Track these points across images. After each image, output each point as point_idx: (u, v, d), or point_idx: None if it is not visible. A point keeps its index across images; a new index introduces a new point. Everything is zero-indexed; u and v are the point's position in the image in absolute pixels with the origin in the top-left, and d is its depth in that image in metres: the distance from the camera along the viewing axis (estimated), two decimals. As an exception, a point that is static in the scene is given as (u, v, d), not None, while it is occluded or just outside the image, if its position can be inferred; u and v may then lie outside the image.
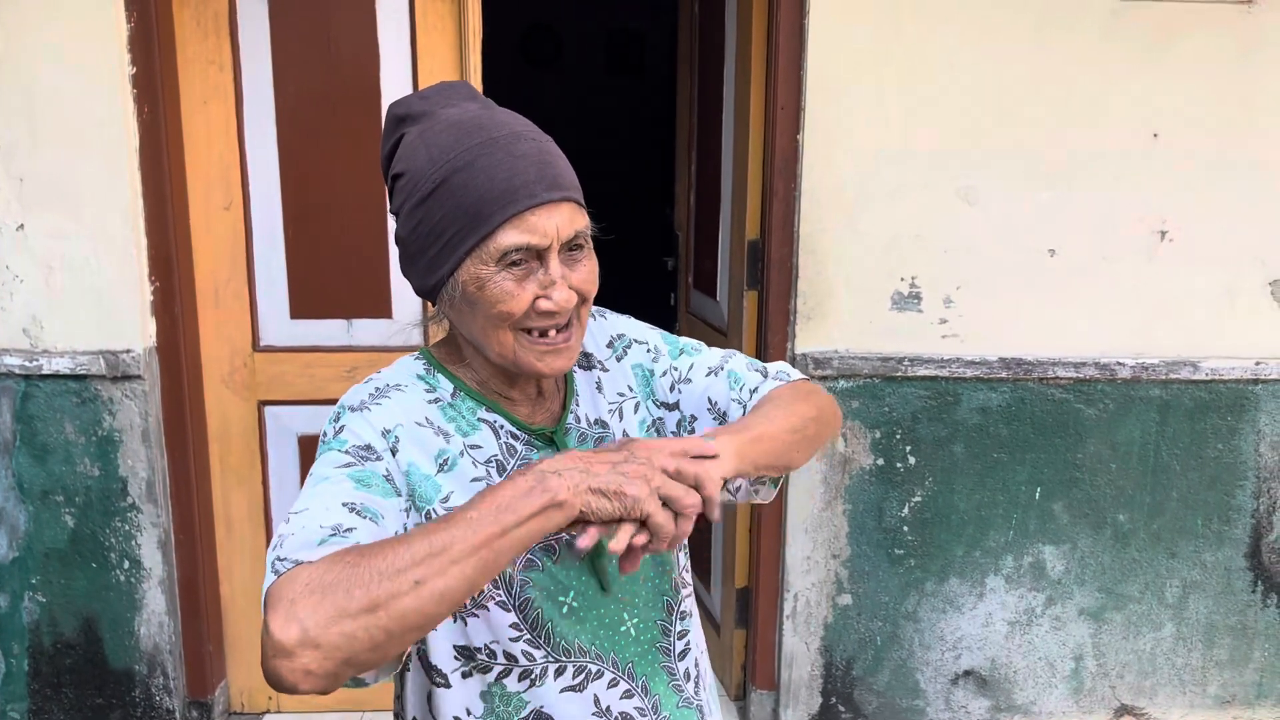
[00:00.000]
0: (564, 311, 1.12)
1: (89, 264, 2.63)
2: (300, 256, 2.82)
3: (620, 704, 1.20)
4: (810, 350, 2.77)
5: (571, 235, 1.11)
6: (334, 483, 1.05)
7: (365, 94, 2.73)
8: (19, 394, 2.67)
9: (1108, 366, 2.79)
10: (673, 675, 1.25)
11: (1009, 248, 2.74)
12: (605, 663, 1.19)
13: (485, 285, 1.09)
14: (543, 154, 1.12)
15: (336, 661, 0.87)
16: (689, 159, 3.48)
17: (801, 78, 2.66)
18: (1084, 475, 2.87)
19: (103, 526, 2.76)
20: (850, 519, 2.87)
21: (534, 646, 1.16)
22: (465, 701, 1.16)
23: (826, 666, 2.96)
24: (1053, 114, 2.68)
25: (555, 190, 1.10)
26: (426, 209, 1.11)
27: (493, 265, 1.09)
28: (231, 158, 2.75)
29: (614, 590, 1.21)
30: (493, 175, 1.08)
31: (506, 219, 1.08)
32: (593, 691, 1.18)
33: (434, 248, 1.11)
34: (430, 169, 1.10)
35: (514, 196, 1.08)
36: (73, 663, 2.85)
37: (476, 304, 1.11)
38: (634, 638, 1.22)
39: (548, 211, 1.09)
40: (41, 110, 2.55)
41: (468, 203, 1.08)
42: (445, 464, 1.14)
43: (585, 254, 1.15)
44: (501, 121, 1.14)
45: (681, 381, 1.34)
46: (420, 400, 1.16)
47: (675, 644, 1.27)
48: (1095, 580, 2.94)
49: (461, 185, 1.09)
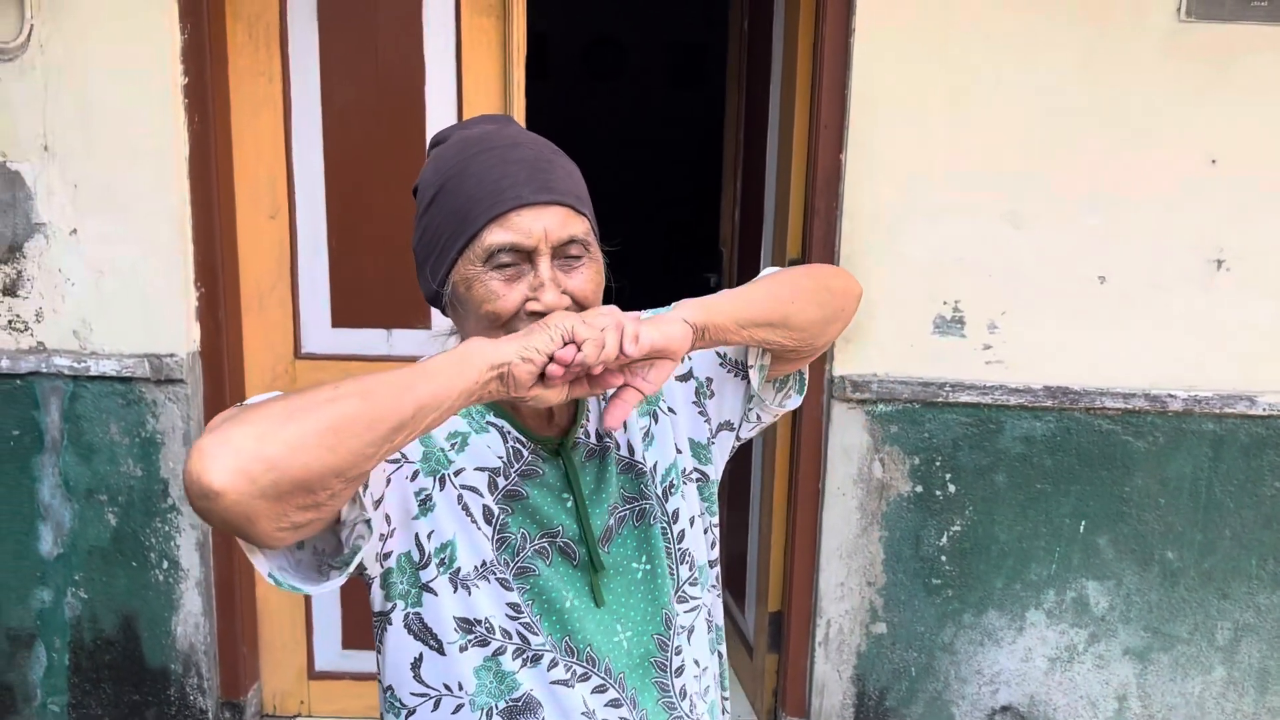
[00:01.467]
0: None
1: (137, 269, 2.68)
2: (342, 266, 2.85)
3: (606, 711, 1.18)
4: (849, 373, 2.72)
5: (564, 239, 1.11)
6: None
7: (410, 107, 2.75)
8: (67, 394, 2.74)
9: (1158, 398, 2.70)
10: (664, 691, 1.23)
11: (1056, 273, 2.67)
12: (596, 668, 1.18)
13: (473, 285, 1.11)
14: (539, 160, 1.14)
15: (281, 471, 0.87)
16: (734, 175, 3.46)
17: (846, 96, 2.63)
18: (1131, 510, 2.78)
19: (143, 526, 2.81)
20: (886, 546, 2.81)
21: (531, 632, 1.16)
22: (458, 674, 1.15)
23: (859, 696, 2.90)
24: (1104, 137, 2.61)
25: (545, 193, 1.11)
26: (429, 217, 1.15)
27: (480, 265, 1.10)
28: (278, 168, 2.80)
29: (607, 604, 1.20)
30: (483, 179, 1.11)
31: (492, 219, 1.09)
32: (580, 693, 1.17)
33: (434, 253, 1.14)
34: (434, 179, 1.15)
35: (500, 197, 1.10)
36: (111, 659, 2.90)
37: (467, 305, 1.12)
38: (626, 650, 1.21)
39: (535, 212, 1.10)
40: (96, 118, 2.62)
41: (458, 206, 1.11)
42: (456, 444, 1.17)
43: (585, 261, 1.14)
44: (507, 135, 1.17)
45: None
46: None
47: (671, 659, 1.24)
48: (1141, 619, 2.84)
49: (455, 190, 1.12)
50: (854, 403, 2.74)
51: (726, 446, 1.37)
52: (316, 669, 3.08)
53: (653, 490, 1.26)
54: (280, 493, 0.88)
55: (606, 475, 1.24)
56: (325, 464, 0.90)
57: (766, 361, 1.31)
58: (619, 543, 1.23)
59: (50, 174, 2.65)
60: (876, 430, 2.75)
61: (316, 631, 3.05)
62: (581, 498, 1.20)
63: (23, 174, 2.65)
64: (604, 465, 1.24)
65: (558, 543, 1.19)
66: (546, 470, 1.20)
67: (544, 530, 1.19)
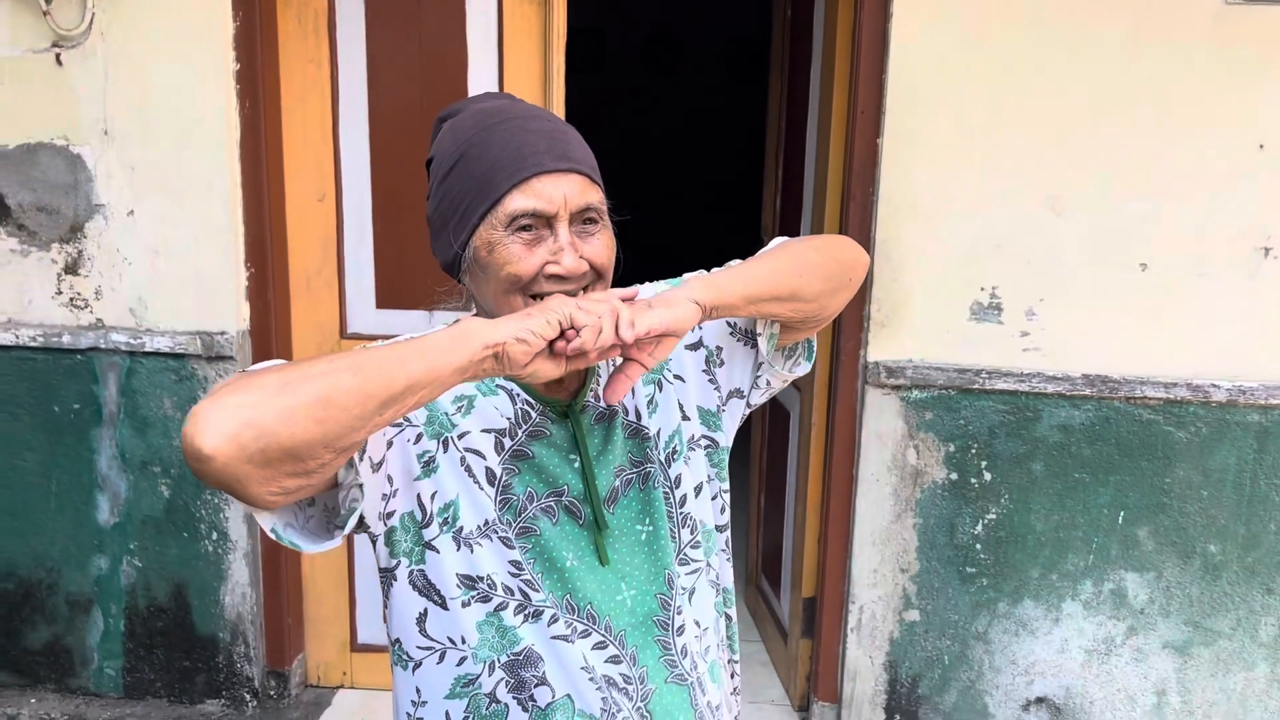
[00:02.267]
0: (573, 278, 1.15)
1: (190, 249, 2.78)
2: (387, 248, 2.92)
3: (605, 668, 1.21)
4: (884, 359, 2.72)
5: (582, 206, 1.16)
6: None
7: (453, 93, 2.81)
8: (124, 369, 2.85)
9: (1201, 388, 2.65)
10: (666, 650, 1.26)
11: (1097, 260, 2.64)
12: (597, 625, 1.21)
13: (495, 248, 1.14)
14: (555, 132, 1.18)
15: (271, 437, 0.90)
16: (776, 163, 3.47)
17: (883, 81, 2.62)
18: (1172, 501, 2.74)
19: (194, 499, 2.91)
20: (920, 533, 2.81)
21: (532, 589, 1.19)
22: (461, 629, 1.19)
23: (891, 683, 2.90)
24: (1147, 122, 2.57)
25: (564, 161, 1.15)
26: (448, 184, 1.18)
27: (502, 229, 1.14)
28: (326, 152, 2.88)
29: (611, 563, 1.23)
30: (504, 146, 1.15)
31: (514, 184, 1.13)
32: (580, 649, 1.20)
33: (453, 219, 1.18)
34: (453, 148, 1.19)
35: (522, 164, 1.14)
36: (164, 626, 3.01)
37: (488, 268, 1.16)
38: (629, 608, 1.24)
39: (555, 179, 1.14)
40: (153, 103, 2.72)
41: (480, 172, 1.15)
42: (462, 407, 1.21)
43: (599, 228, 1.19)
44: (522, 108, 1.21)
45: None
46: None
47: (673, 619, 1.27)
48: (1182, 612, 2.80)
49: (476, 158, 1.16)
50: (889, 388, 2.73)
51: (737, 414, 1.39)
52: (359, 641, 3.16)
53: (656, 455, 1.29)
54: (269, 459, 0.92)
55: (613, 438, 1.27)
56: (313, 435, 0.93)
57: (775, 330, 1.34)
58: (624, 504, 1.26)
59: (109, 157, 2.75)
60: (911, 416, 2.74)
61: (359, 605, 3.13)
62: (588, 458, 1.24)
63: (84, 157, 2.76)
64: (611, 428, 1.28)
65: (563, 501, 1.23)
66: (554, 431, 1.24)
67: (550, 489, 1.23)
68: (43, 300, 2.85)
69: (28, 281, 2.84)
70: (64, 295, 2.84)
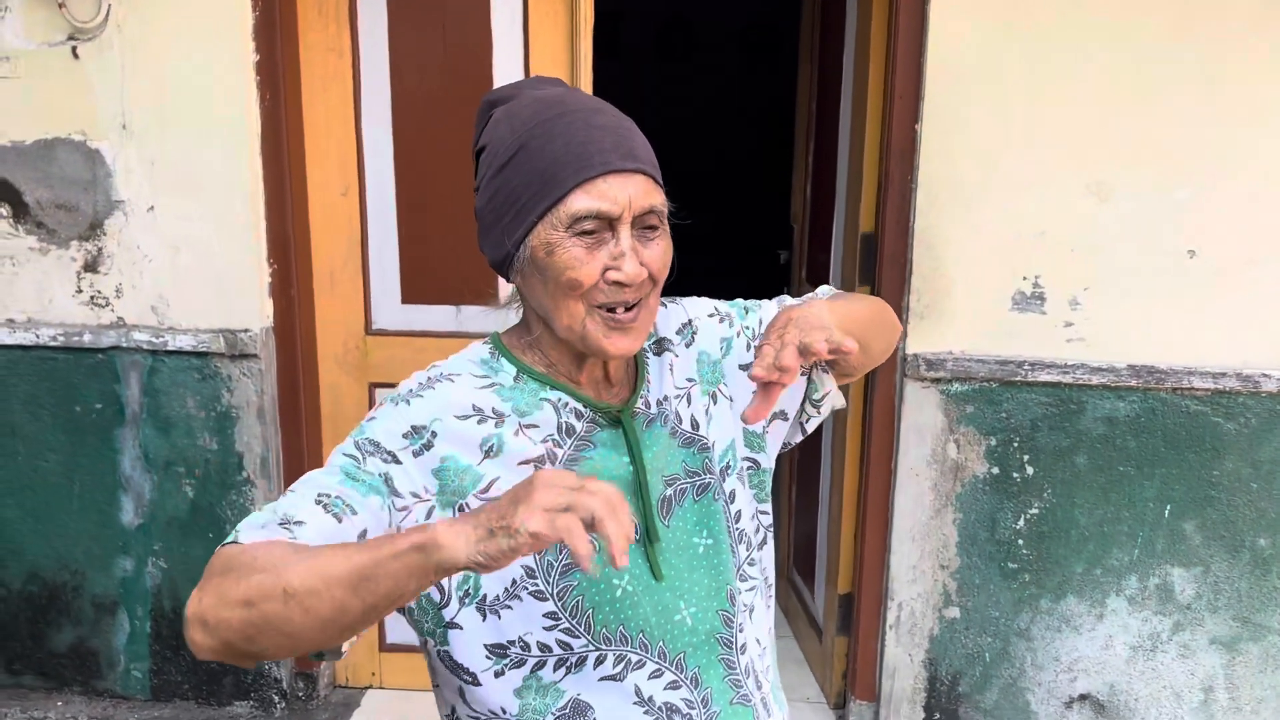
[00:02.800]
0: (633, 285, 1.09)
1: (212, 245, 2.72)
2: (412, 243, 2.86)
3: (665, 695, 1.15)
4: (923, 351, 2.65)
5: (645, 208, 1.10)
6: (326, 473, 1.07)
7: (478, 82, 2.74)
8: (146, 368, 2.80)
9: (1251, 378, 2.58)
10: (731, 669, 1.20)
11: (1143, 248, 2.57)
12: (650, 653, 1.15)
13: (554, 250, 1.08)
14: (620, 128, 1.12)
15: (219, 640, 0.93)
16: (806, 149, 3.39)
17: (921, 65, 2.55)
18: (1220, 494, 2.67)
19: (219, 499, 2.87)
20: (961, 529, 2.74)
21: (572, 635, 1.12)
22: (499, 700, 1.13)
23: (930, 680, 2.84)
24: (1196, 104, 2.49)
25: (630, 160, 1.09)
26: (503, 177, 1.11)
27: (563, 231, 1.08)
28: (349, 145, 2.81)
29: (667, 579, 1.17)
30: (569, 141, 1.08)
31: (579, 183, 1.07)
32: (632, 681, 1.14)
33: (508, 214, 1.11)
34: (510, 138, 1.11)
35: (588, 162, 1.07)
36: (190, 628, 2.97)
37: (546, 271, 1.09)
38: (690, 627, 1.17)
39: (621, 180, 1.08)
40: (171, 96, 2.66)
41: (542, 167, 1.08)
42: (491, 450, 1.12)
43: (659, 234, 1.13)
44: (582, 99, 1.15)
45: (755, 338, 1.33)
46: (469, 389, 1.15)
47: (736, 636, 1.21)
48: (1230, 608, 2.73)
49: (538, 151, 1.09)
50: (928, 382, 2.67)
51: (779, 436, 1.35)
52: (388, 641, 3.11)
53: (714, 467, 1.24)
54: (247, 655, 0.95)
55: (667, 446, 1.22)
56: (280, 645, 0.93)
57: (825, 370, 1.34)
58: (679, 515, 1.20)
59: (128, 152, 2.70)
60: (951, 410, 2.68)
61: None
62: (642, 465, 1.17)
63: (102, 152, 2.70)
64: (663, 436, 1.22)
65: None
66: (603, 439, 1.18)
67: None
68: (63, 299, 2.80)
69: (48, 280, 2.79)
70: (84, 294, 2.79)
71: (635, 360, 1.26)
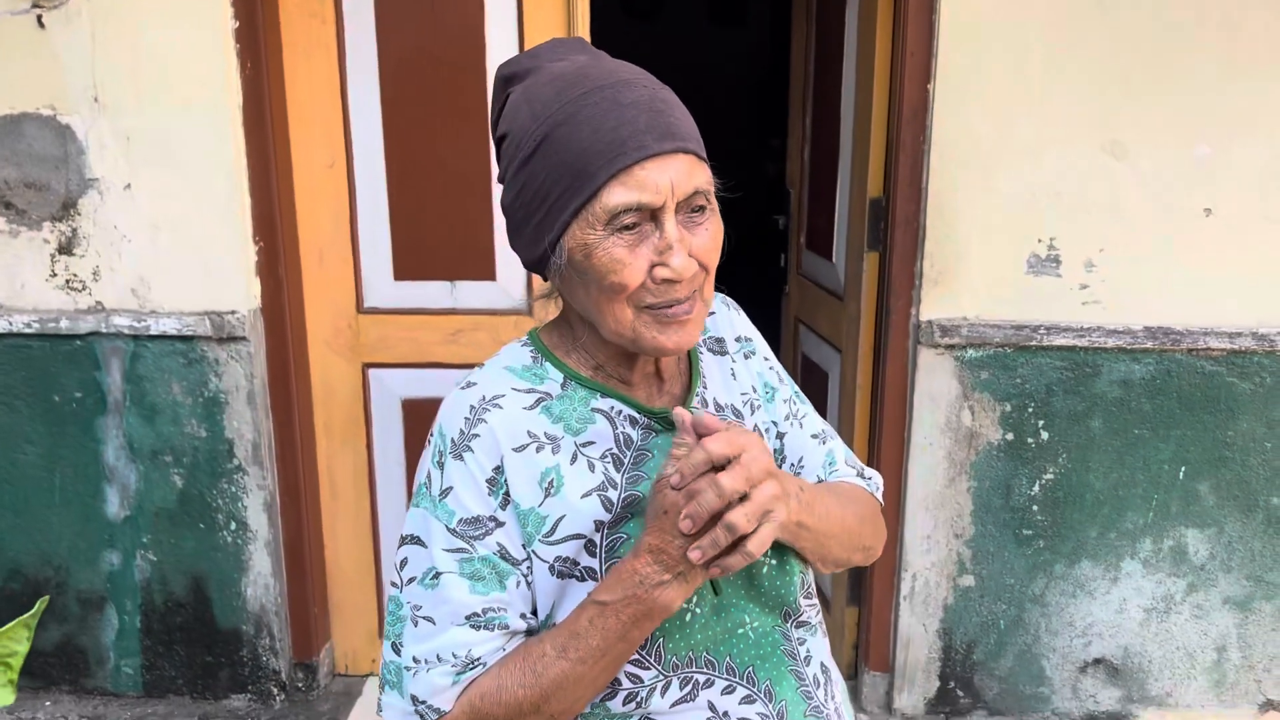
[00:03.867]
0: (684, 280, 1.00)
1: (194, 223, 2.59)
2: (403, 217, 2.74)
3: (740, 709, 1.09)
4: (936, 317, 2.59)
5: (690, 192, 0.99)
6: (449, 588, 1.04)
7: (469, 48, 2.62)
8: (128, 354, 2.67)
9: (1266, 337, 2.55)
10: (801, 680, 1.14)
11: (1159, 207, 2.52)
12: (718, 670, 1.09)
13: (593, 253, 0.98)
14: (654, 101, 1.00)
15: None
16: (803, 111, 3.30)
17: (934, 22, 2.46)
18: (1235, 455, 2.65)
19: (210, 487, 2.75)
20: (975, 497, 2.70)
21: (641, 668, 1.07)
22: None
23: (945, 650, 2.81)
24: (1213, 60, 2.43)
25: (668, 140, 0.98)
26: (529, 171, 1.00)
27: (600, 229, 0.98)
28: (334, 115, 2.68)
29: (727, 591, 1.10)
30: (598, 127, 0.97)
31: (613, 175, 0.96)
32: (705, 699, 1.08)
33: (538, 213, 1.01)
34: (533, 126, 1.00)
35: (621, 149, 0.96)
36: (183, 621, 2.86)
37: (587, 274, 1.00)
38: (753, 640, 1.12)
39: (660, 164, 0.97)
40: (146, 67, 2.51)
41: (570, 159, 0.97)
42: (551, 486, 1.05)
43: (707, 216, 1.03)
44: (609, 70, 1.02)
45: (797, 419, 1.25)
46: (519, 413, 1.06)
47: (798, 650, 1.15)
48: (1243, 567, 2.72)
49: (564, 140, 0.97)
50: (942, 348, 2.61)
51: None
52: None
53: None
54: None
55: None
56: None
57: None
58: None
59: (101, 127, 2.55)
60: (966, 376, 2.62)
61: (387, 591, 2.99)
62: None
63: (73, 127, 2.55)
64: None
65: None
66: (661, 445, 1.10)
67: None
68: (36, 284, 2.65)
69: (19, 264, 2.64)
70: (59, 277, 2.65)
71: (689, 354, 1.18)
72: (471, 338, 2.77)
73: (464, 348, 2.78)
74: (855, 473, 1.28)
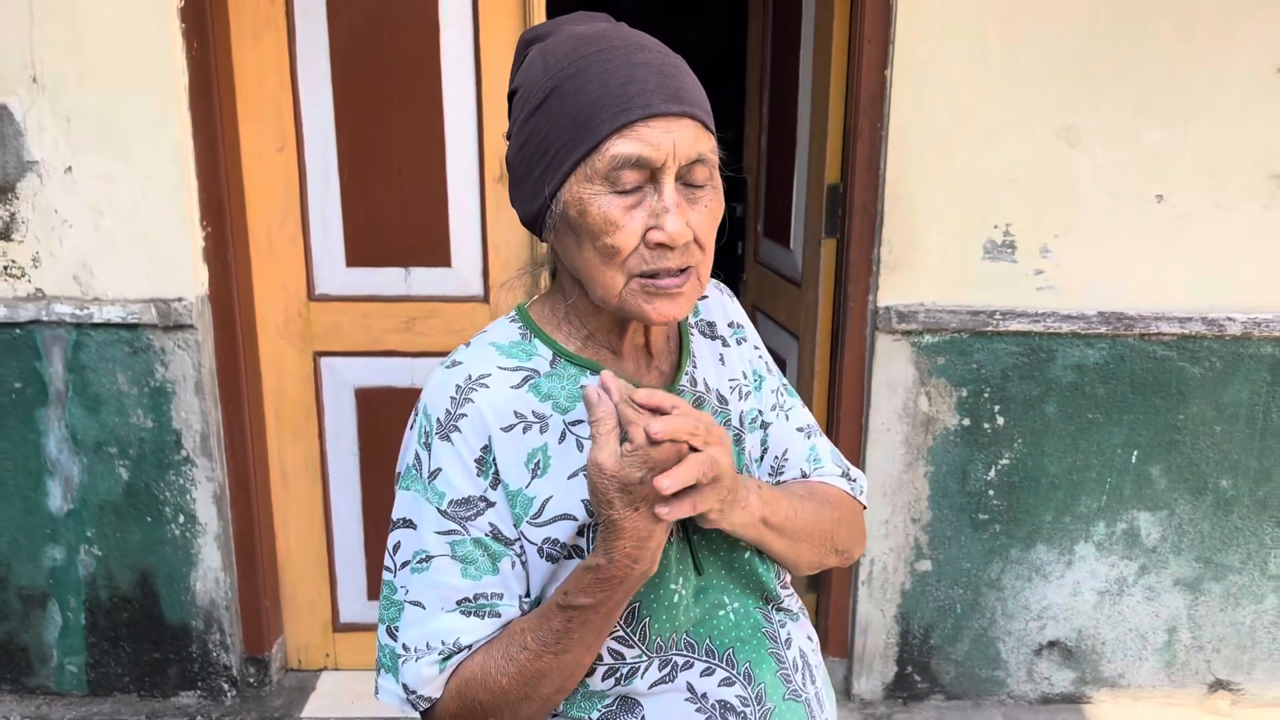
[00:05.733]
0: (678, 246, 0.98)
1: (139, 208, 2.52)
2: (356, 201, 2.69)
3: (719, 691, 1.08)
4: (894, 303, 2.59)
5: (693, 157, 0.98)
6: (440, 571, 1.03)
7: (423, 25, 2.57)
8: (70, 343, 2.59)
9: (1216, 322, 2.59)
10: (781, 663, 1.13)
11: (1112, 193, 2.54)
12: (697, 652, 1.08)
13: (588, 209, 0.97)
14: (666, 65, 0.99)
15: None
16: (760, 98, 3.30)
17: (890, 7, 2.46)
18: (1185, 438, 2.69)
19: (157, 480, 2.68)
20: (932, 482, 2.72)
21: (625, 645, 1.06)
22: None
23: (903, 635, 2.83)
24: (1165, 48, 2.46)
25: (675, 103, 0.97)
26: (535, 123, 0.99)
27: (599, 183, 0.96)
28: (284, 96, 2.62)
29: (708, 572, 1.10)
30: (606, 82, 0.96)
31: (617, 129, 0.95)
32: (684, 680, 1.08)
33: (540, 164, 0.99)
34: (543, 79, 0.99)
35: (627, 104, 0.95)
36: (129, 617, 2.79)
37: (580, 231, 0.98)
38: (734, 623, 1.11)
39: (665, 124, 0.96)
40: (88, 45, 2.43)
41: (576, 110, 0.96)
42: (537, 467, 1.03)
43: (708, 193, 1.01)
44: (626, 34, 1.02)
45: (783, 410, 1.24)
46: (506, 391, 1.04)
47: (779, 631, 1.15)
48: (1193, 549, 2.77)
49: (572, 93, 0.96)
50: (899, 334, 2.62)
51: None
52: (341, 621, 2.98)
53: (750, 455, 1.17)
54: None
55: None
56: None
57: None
58: None
59: (40, 108, 2.47)
60: (923, 362, 2.63)
61: (340, 583, 2.94)
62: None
63: (10, 108, 2.47)
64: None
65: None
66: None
67: None
68: (-28, 270, 2.56)
69: (-46, 250, 2.55)
70: (-4, 264, 2.56)
71: (680, 332, 1.16)
72: (426, 325, 2.73)
73: (419, 336, 2.74)
74: (840, 472, 1.27)
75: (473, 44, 2.57)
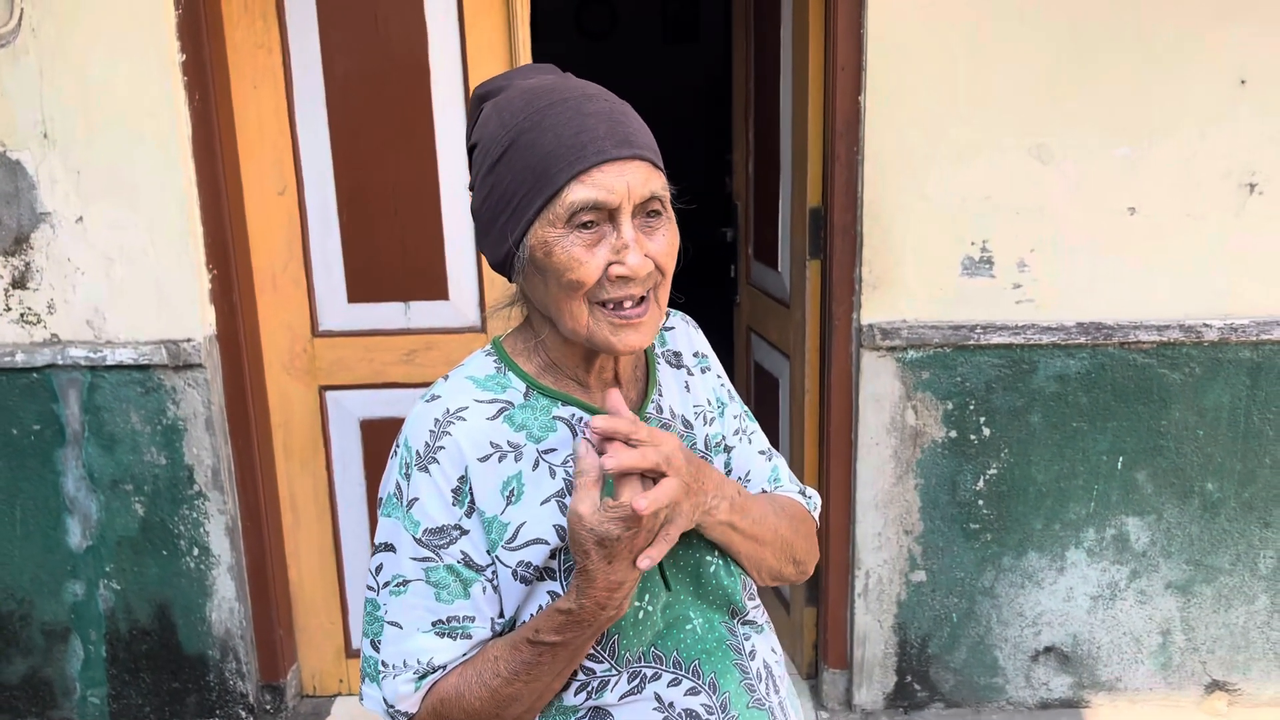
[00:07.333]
0: (638, 279, 1.06)
1: (147, 254, 2.63)
2: (356, 240, 2.79)
3: (685, 700, 1.15)
4: (877, 320, 2.67)
5: (646, 196, 1.06)
6: (416, 595, 1.11)
7: (414, 73, 2.68)
8: (85, 385, 2.69)
9: (1193, 329, 2.65)
10: (745, 674, 1.20)
11: (1085, 207, 2.61)
12: (665, 664, 1.15)
13: (553, 250, 1.05)
14: (614, 113, 1.07)
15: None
16: (746, 125, 3.39)
17: (862, 36, 2.55)
18: (1169, 443, 2.74)
19: (171, 514, 2.78)
20: (922, 494, 2.78)
21: (595, 661, 1.12)
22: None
23: (900, 645, 2.89)
24: (1132, 63, 2.54)
25: (626, 147, 1.05)
26: (496, 175, 1.07)
27: (561, 227, 1.04)
28: (283, 142, 2.73)
29: (675, 588, 1.16)
30: (560, 133, 1.04)
31: (574, 176, 1.03)
32: (652, 690, 1.14)
33: (504, 214, 1.07)
34: (501, 133, 1.07)
35: (582, 153, 1.03)
36: (148, 648, 2.88)
37: (546, 271, 1.06)
38: (700, 635, 1.17)
39: (618, 168, 1.04)
40: (95, 101, 2.55)
41: (534, 161, 1.04)
42: (512, 494, 1.10)
43: (663, 222, 1.09)
44: (574, 86, 1.10)
45: (745, 434, 1.32)
46: (482, 424, 1.11)
47: (743, 644, 1.21)
48: (1183, 552, 2.82)
49: (529, 145, 1.05)
50: (884, 350, 2.69)
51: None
52: (354, 647, 3.06)
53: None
54: None
55: None
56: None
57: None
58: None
59: (52, 161, 2.58)
60: (908, 377, 2.70)
61: (352, 610, 3.03)
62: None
63: (23, 163, 2.59)
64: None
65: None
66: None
67: None
68: (-9, 318, 2.68)
69: (-27, 299, 2.67)
70: (13, 311, 2.67)
71: (646, 360, 1.24)
72: (426, 356, 2.82)
73: (419, 367, 2.83)
74: (797, 490, 1.34)
75: (462, 88, 2.68)
